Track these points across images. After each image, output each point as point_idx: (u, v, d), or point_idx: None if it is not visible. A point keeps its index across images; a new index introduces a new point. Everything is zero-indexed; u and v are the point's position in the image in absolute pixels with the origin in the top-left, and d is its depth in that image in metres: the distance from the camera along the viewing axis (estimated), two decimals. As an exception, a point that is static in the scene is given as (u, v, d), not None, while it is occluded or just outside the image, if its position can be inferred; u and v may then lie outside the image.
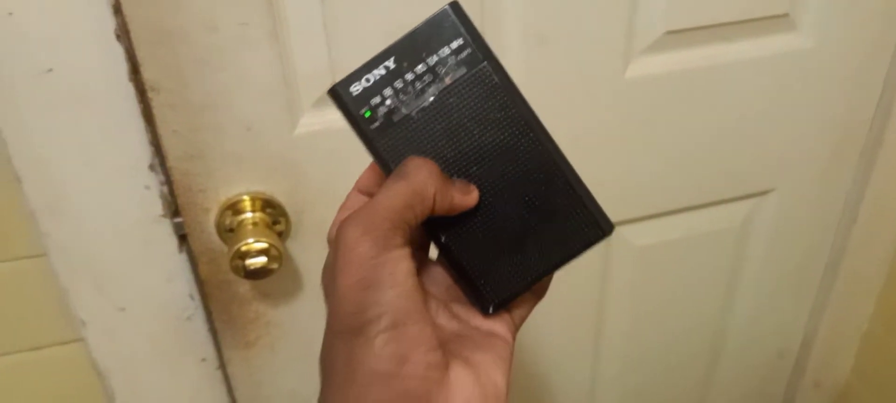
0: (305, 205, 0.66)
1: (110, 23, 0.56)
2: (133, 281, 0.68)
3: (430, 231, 0.35)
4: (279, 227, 0.66)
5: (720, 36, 0.69)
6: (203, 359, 0.74)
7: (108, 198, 0.62)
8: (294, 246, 0.68)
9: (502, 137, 0.34)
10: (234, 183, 0.63)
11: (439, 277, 0.37)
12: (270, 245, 0.61)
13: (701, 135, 0.75)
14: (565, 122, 0.70)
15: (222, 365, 0.76)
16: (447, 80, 0.34)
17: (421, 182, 0.32)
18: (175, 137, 0.60)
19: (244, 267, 0.62)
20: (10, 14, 0.54)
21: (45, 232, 0.63)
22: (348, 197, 0.37)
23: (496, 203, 0.35)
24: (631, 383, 0.96)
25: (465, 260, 0.35)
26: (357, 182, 0.37)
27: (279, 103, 0.60)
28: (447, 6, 0.35)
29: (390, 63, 0.34)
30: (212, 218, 0.64)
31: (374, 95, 0.34)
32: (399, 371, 0.29)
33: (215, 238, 0.66)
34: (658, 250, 0.83)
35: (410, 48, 0.34)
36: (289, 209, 0.65)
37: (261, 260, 0.61)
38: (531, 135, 0.34)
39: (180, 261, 0.68)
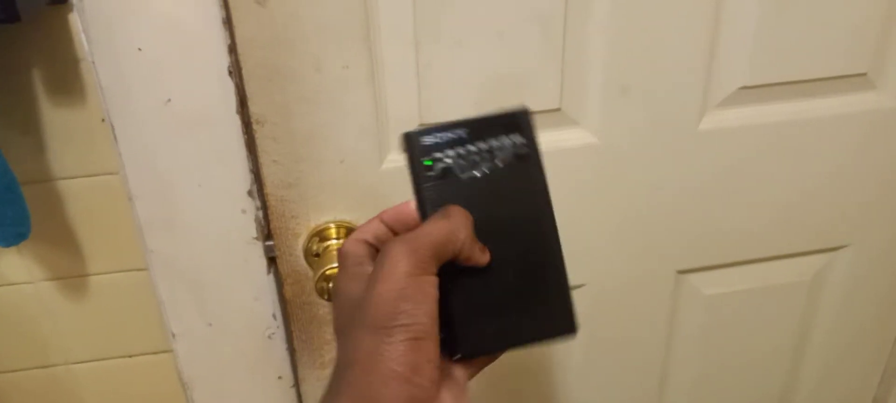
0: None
1: (224, 60, 0.61)
2: (223, 298, 0.72)
3: (439, 271, 0.39)
4: (361, 255, 0.69)
5: (796, 93, 0.71)
6: (280, 377, 0.78)
7: (209, 219, 0.68)
8: (373, 275, 0.72)
9: (523, 223, 0.40)
10: (324, 211, 0.68)
11: None
12: (354, 271, 0.65)
13: (774, 189, 0.76)
14: (640, 170, 0.72)
15: (297, 384, 0.80)
16: (499, 163, 0.40)
17: (458, 225, 0.38)
18: (274, 166, 0.65)
19: (328, 290, 0.66)
20: (140, 50, 0.60)
21: (150, 248, 0.69)
22: (370, 221, 0.42)
23: (499, 271, 0.40)
24: (693, 434, 0.95)
25: (455, 306, 0.39)
26: (383, 212, 0.42)
27: (371, 140, 0.65)
28: (523, 108, 0.41)
29: (462, 132, 0.40)
30: (300, 243, 0.69)
31: (439, 151, 0.40)
32: (411, 378, 0.34)
33: (302, 261, 0.70)
34: (727, 300, 0.84)
35: (482, 127, 0.40)
36: (371, 239, 0.69)
37: (345, 285, 0.65)
38: (545, 230, 0.41)
39: (268, 282, 0.72)
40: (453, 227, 0.37)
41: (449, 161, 0.40)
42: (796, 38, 0.67)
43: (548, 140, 0.68)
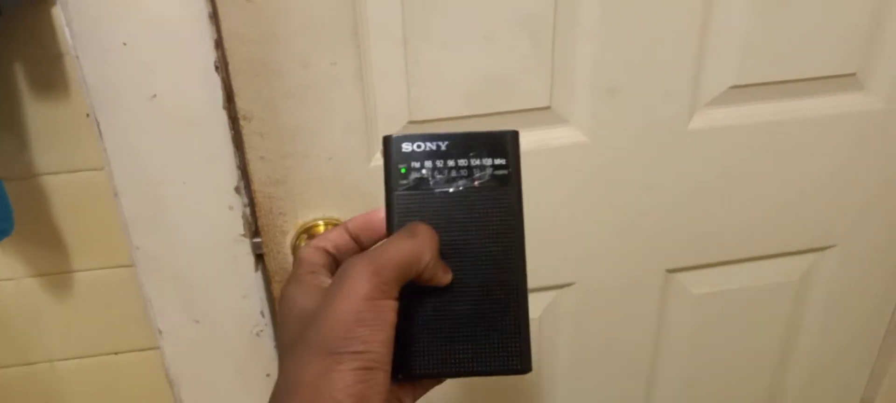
0: (375, 234, 0.69)
1: (211, 55, 0.60)
2: (210, 295, 0.72)
3: None
4: (349, 253, 0.69)
5: (786, 92, 0.71)
6: (267, 375, 0.78)
7: (195, 216, 0.67)
8: (362, 273, 0.71)
9: (490, 249, 0.39)
10: (312, 208, 0.67)
11: None
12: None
13: (763, 188, 0.76)
14: (630, 169, 0.72)
15: (284, 383, 0.79)
16: (476, 183, 0.39)
17: (425, 247, 0.36)
18: (261, 163, 0.64)
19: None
20: (125, 44, 0.59)
21: (135, 245, 0.68)
22: (333, 229, 0.41)
23: (457, 294, 0.38)
24: (681, 432, 0.96)
25: (404, 323, 0.37)
26: (349, 221, 0.41)
27: (359, 137, 0.64)
28: (511, 131, 0.40)
29: (443, 145, 0.39)
30: (288, 240, 0.68)
31: (416, 161, 0.39)
32: None
33: (290, 259, 0.69)
34: (715, 299, 0.84)
35: (466, 143, 0.39)
36: (360, 236, 0.69)
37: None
38: (512, 260, 0.39)
39: (256, 279, 0.71)
40: (419, 248, 0.35)
41: (425, 172, 0.39)
42: (786, 37, 0.67)
43: (537, 138, 0.69)
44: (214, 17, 0.58)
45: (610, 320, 0.82)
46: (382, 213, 0.39)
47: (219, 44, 0.60)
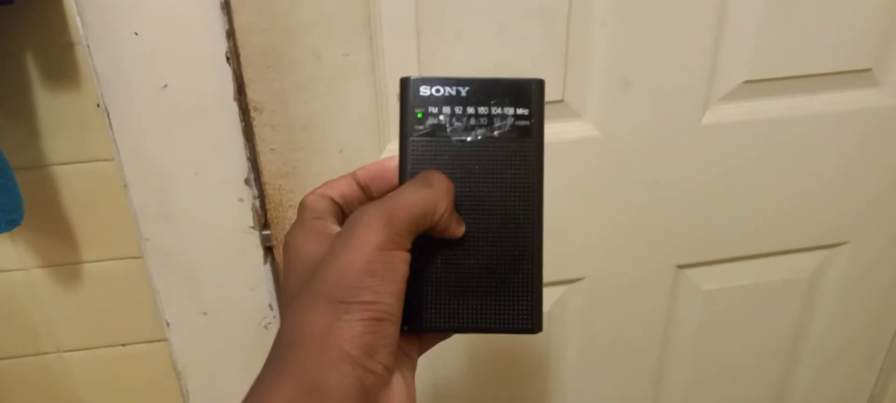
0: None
1: (222, 46, 0.60)
2: (219, 287, 0.72)
3: None
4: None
5: (800, 88, 0.70)
6: (275, 368, 0.77)
7: (205, 207, 0.67)
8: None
9: (506, 203, 0.37)
10: (322, 201, 0.67)
11: None
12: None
13: (775, 184, 0.75)
14: (643, 164, 0.71)
15: (292, 375, 0.79)
16: (496, 133, 0.37)
17: (441, 197, 0.34)
18: (272, 155, 0.64)
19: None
20: (136, 34, 0.59)
21: (144, 237, 0.68)
22: (341, 178, 0.38)
23: (471, 248, 0.37)
24: (688, 429, 0.95)
25: (415, 276, 0.36)
26: (356, 171, 0.39)
27: (370, 129, 0.64)
28: (537, 79, 0.37)
29: (463, 90, 0.37)
30: (298, 233, 0.68)
31: (434, 105, 0.37)
32: (364, 363, 0.31)
33: (299, 252, 0.69)
34: (725, 295, 0.83)
35: (486, 90, 0.37)
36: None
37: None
38: (529, 215, 0.37)
39: (265, 272, 0.71)
40: (434, 198, 0.34)
41: (442, 118, 0.37)
42: (801, 32, 0.66)
43: (549, 132, 0.68)
44: (227, 7, 0.58)
45: (620, 315, 0.82)
46: (396, 162, 0.38)
47: (230, 34, 0.59)
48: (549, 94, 0.65)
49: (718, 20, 0.64)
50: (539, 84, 0.37)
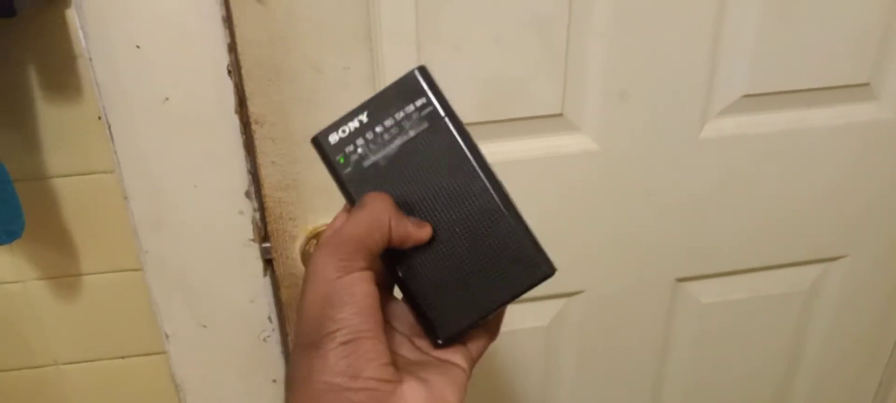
0: (385, 240, 0.69)
1: (224, 59, 0.60)
2: (218, 300, 0.72)
3: (390, 266, 0.38)
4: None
5: (798, 102, 0.70)
6: (274, 380, 0.77)
7: (205, 220, 0.67)
8: (371, 278, 0.71)
9: (455, 183, 0.38)
10: (322, 213, 0.67)
11: (403, 314, 0.40)
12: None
13: (774, 198, 0.76)
14: (641, 177, 0.71)
15: (291, 388, 0.79)
16: (411, 133, 0.38)
17: (377, 210, 0.35)
18: (272, 167, 0.64)
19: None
20: (138, 47, 0.59)
21: (144, 249, 0.68)
22: (336, 217, 0.40)
23: (448, 242, 0.38)
24: (688, 442, 0.95)
25: (418, 294, 0.38)
26: (346, 205, 0.40)
27: (370, 142, 0.64)
28: (414, 70, 0.39)
29: (364, 117, 0.38)
30: (297, 245, 0.68)
31: (348, 144, 0.38)
32: (351, 385, 0.32)
33: (299, 264, 0.69)
34: (723, 309, 0.83)
35: (382, 105, 0.38)
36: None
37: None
38: (481, 182, 0.38)
39: (264, 284, 0.71)
40: (372, 214, 0.35)
41: (360, 150, 0.38)
42: (799, 46, 0.67)
43: (548, 145, 0.69)
44: (228, 20, 0.58)
45: (618, 328, 0.82)
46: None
47: (232, 47, 0.60)
48: (548, 108, 0.66)
49: (717, 35, 0.65)
50: (422, 70, 0.39)
